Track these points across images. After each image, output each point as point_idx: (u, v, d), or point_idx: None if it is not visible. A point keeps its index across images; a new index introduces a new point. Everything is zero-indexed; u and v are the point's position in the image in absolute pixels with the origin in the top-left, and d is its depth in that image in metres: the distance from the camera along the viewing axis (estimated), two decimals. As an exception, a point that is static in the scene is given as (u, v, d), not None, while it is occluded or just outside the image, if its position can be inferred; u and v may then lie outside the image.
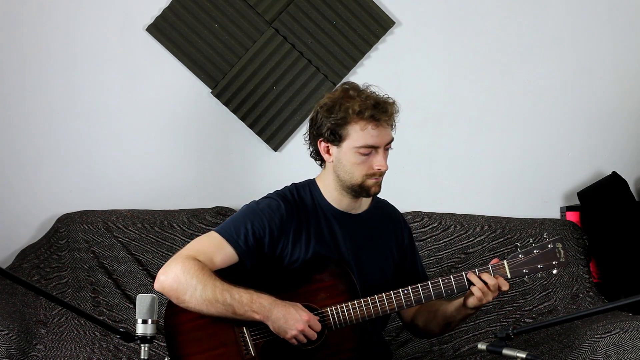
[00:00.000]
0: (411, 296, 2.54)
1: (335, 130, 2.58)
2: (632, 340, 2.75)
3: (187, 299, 2.48)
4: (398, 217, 2.86)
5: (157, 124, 3.65)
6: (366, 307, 2.53)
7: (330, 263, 2.61)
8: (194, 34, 3.63)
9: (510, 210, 3.65)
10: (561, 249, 2.56)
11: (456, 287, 2.55)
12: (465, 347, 3.24)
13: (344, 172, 2.62)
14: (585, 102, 3.76)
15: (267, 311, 2.46)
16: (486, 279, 2.53)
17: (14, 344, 2.88)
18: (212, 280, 2.48)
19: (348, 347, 2.55)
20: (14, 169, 3.59)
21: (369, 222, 2.74)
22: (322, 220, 2.67)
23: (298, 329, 2.45)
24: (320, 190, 2.70)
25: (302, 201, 2.68)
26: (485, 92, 3.74)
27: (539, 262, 2.55)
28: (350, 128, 2.57)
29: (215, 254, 2.55)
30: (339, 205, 2.69)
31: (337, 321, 2.52)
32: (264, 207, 2.63)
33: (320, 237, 2.65)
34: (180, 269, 2.49)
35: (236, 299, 2.46)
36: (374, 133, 2.57)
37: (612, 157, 3.74)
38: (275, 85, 3.66)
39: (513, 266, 2.55)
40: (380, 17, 3.68)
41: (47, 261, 3.39)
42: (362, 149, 2.57)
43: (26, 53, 3.60)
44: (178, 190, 3.64)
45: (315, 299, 2.54)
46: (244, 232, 2.58)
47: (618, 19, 3.76)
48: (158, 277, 2.53)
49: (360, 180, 2.61)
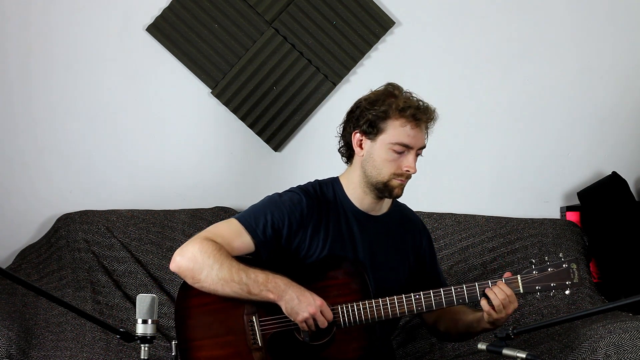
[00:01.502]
0: (422, 301, 2.55)
1: (374, 123, 2.61)
2: (632, 340, 2.75)
3: (202, 278, 2.49)
4: (417, 222, 2.87)
5: (157, 124, 3.65)
6: (377, 308, 2.54)
7: (345, 262, 2.62)
8: (194, 34, 3.63)
9: (510, 210, 3.65)
10: (576, 269, 2.58)
11: (468, 296, 2.56)
12: (465, 347, 3.23)
13: (373, 167, 2.63)
14: (585, 102, 3.76)
15: (281, 291, 2.48)
16: (503, 288, 2.53)
17: (14, 344, 2.88)
18: (229, 260, 2.49)
19: (355, 346, 2.55)
20: (14, 168, 3.59)
21: (388, 224, 2.75)
22: (342, 218, 2.68)
23: (310, 312, 2.46)
24: (344, 188, 2.72)
25: (324, 197, 2.69)
26: (485, 92, 3.74)
27: (553, 280, 2.57)
28: (389, 123, 2.61)
29: (233, 240, 2.57)
30: (361, 204, 2.70)
31: (346, 319, 2.53)
32: (285, 200, 2.64)
33: (339, 235, 2.66)
34: (198, 248, 2.51)
35: (252, 278, 2.48)
36: (411, 133, 2.61)
37: (612, 157, 3.74)
38: (275, 85, 3.66)
39: (526, 281, 2.56)
40: (380, 17, 3.68)
41: (47, 261, 3.39)
42: (397, 146, 2.60)
43: (26, 53, 3.60)
44: (178, 190, 3.64)
45: (327, 296, 2.54)
46: (263, 222, 2.59)
47: (618, 19, 3.77)
48: (174, 257, 2.53)
49: (386, 179, 2.63)
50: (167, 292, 3.32)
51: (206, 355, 2.52)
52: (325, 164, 3.45)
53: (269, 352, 2.51)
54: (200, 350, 2.52)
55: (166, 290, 3.32)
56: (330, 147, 3.62)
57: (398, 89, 2.66)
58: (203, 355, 2.52)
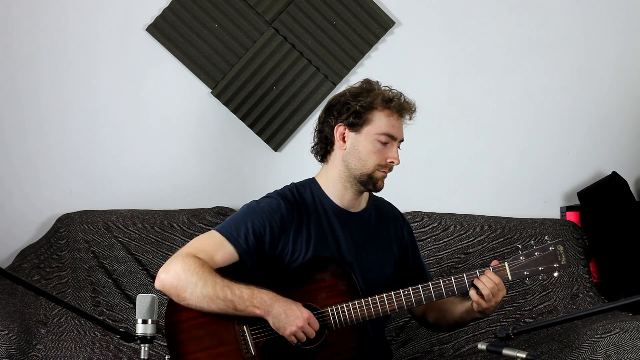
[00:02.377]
0: (412, 297, 2.55)
1: (360, 114, 2.63)
2: (632, 340, 2.75)
3: (187, 297, 2.48)
4: (396, 213, 2.87)
5: (157, 124, 3.65)
6: (367, 307, 2.53)
7: (331, 263, 2.61)
8: (194, 34, 3.63)
9: (510, 210, 3.65)
10: (562, 251, 2.57)
11: (457, 288, 2.55)
12: (465, 347, 3.24)
13: (357, 159, 2.64)
14: (585, 102, 3.76)
15: (268, 306, 2.47)
16: (491, 277, 2.52)
17: (14, 344, 2.88)
18: (213, 277, 2.48)
19: (348, 346, 2.55)
20: (14, 169, 3.59)
21: (368, 219, 2.75)
22: (323, 218, 2.67)
23: (298, 326, 2.46)
24: (321, 187, 2.71)
25: (302, 200, 2.69)
26: (485, 92, 3.74)
27: (540, 264, 2.56)
28: (375, 113, 2.63)
29: (215, 252, 2.56)
30: (341, 201, 2.70)
31: (337, 321, 2.52)
32: (264, 206, 2.63)
33: (321, 235, 2.65)
34: (181, 266, 2.50)
35: (237, 294, 2.47)
36: (396, 124, 2.65)
37: (612, 157, 3.74)
38: (275, 85, 3.66)
39: (514, 268, 2.55)
40: (380, 17, 3.68)
41: (47, 261, 3.39)
42: (383, 137, 2.62)
43: (26, 53, 3.59)
44: (178, 190, 3.64)
45: (316, 299, 2.54)
46: (244, 231, 2.58)
47: (618, 19, 3.77)
48: (158, 275, 2.53)
49: (371, 170, 2.63)
50: (167, 292, 3.32)
51: None
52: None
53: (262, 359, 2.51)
54: None
55: (166, 290, 3.32)
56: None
57: (377, 83, 2.70)
58: None
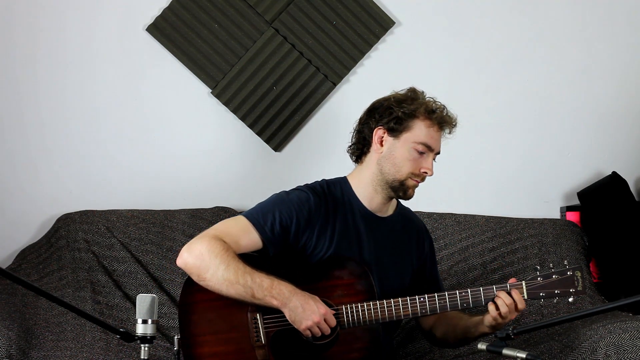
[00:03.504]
0: (427, 304, 2.56)
1: (401, 120, 2.65)
2: (632, 340, 2.75)
3: (208, 277, 2.50)
4: (421, 225, 2.89)
5: (157, 124, 3.65)
6: (381, 309, 2.54)
7: (351, 262, 2.62)
8: (194, 34, 3.63)
9: (510, 210, 3.65)
10: (580, 277, 2.60)
11: (472, 301, 2.57)
12: (465, 347, 3.22)
13: (392, 164, 2.66)
14: (585, 102, 3.76)
15: (285, 298, 2.48)
16: (514, 295, 2.55)
17: (14, 344, 2.88)
18: (235, 262, 2.50)
19: (358, 346, 2.56)
20: (14, 169, 3.59)
21: (394, 227, 2.77)
22: (349, 217, 2.69)
23: (314, 321, 2.47)
24: (352, 187, 2.73)
25: (332, 196, 2.70)
26: (485, 92, 3.74)
27: (557, 287, 2.59)
28: (417, 122, 2.66)
29: (241, 238, 2.57)
30: (370, 204, 2.71)
31: (350, 320, 2.53)
32: (293, 198, 2.65)
33: (345, 234, 2.66)
34: (206, 247, 2.51)
35: (257, 282, 2.48)
36: (435, 136, 2.68)
37: (612, 157, 3.74)
38: (275, 85, 3.66)
39: (531, 288, 2.59)
40: (380, 17, 3.68)
41: (47, 261, 3.39)
42: (420, 146, 2.65)
43: (25, 53, 3.60)
44: (178, 190, 3.64)
45: (332, 295, 2.56)
46: (271, 220, 2.60)
47: (618, 19, 3.76)
48: (181, 254, 2.54)
49: (404, 177, 2.65)
50: (167, 292, 3.32)
51: (208, 351, 2.52)
52: (326, 164, 3.47)
53: (271, 349, 2.52)
54: (203, 346, 2.53)
55: (166, 290, 3.32)
56: (330, 147, 3.64)
57: (422, 93, 2.73)
58: (205, 351, 2.52)
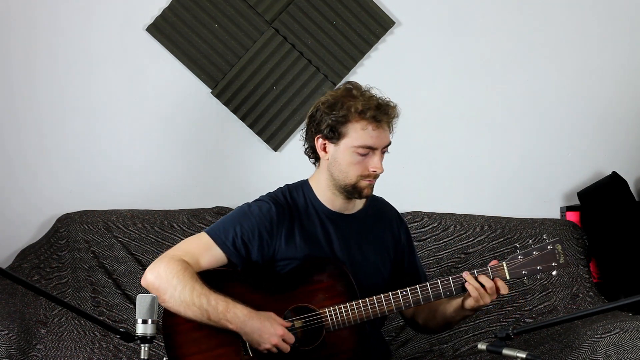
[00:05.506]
0: (410, 298, 2.54)
1: (334, 128, 2.58)
2: (632, 340, 2.75)
3: (167, 299, 2.49)
4: (394, 214, 2.85)
5: (157, 124, 3.65)
6: (364, 308, 2.53)
7: (329, 264, 2.60)
8: (194, 34, 3.63)
9: (510, 210, 3.65)
10: (561, 250, 2.56)
11: (454, 288, 2.55)
12: (465, 347, 3.24)
13: (339, 171, 2.61)
14: (585, 102, 3.76)
15: (241, 322, 2.46)
16: (483, 281, 2.52)
17: (14, 344, 2.88)
18: (192, 282, 2.48)
19: (346, 347, 2.55)
20: (13, 169, 3.59)
21: (363, 221, 2.73)
22: (315, 221, 2.67)
23: (272, 343, 2.46)
24: (314, 190, 2.70)
25: (294, 202, 2.68)
26: (485, 92, 3.74)
27: (538, 263, 2.55)
28: (350, 126, 2.57)
29: (202, 255, 2.56)
30: (332, 205, 2.69)
31: (335, 322, 2.52)
32: (254, 210, 2.63)
33: (314, 238, 2.64)
34: (164, 267, 2.51)
35: (212, 305, 2.46)
36: (373, 134, 2.57)
37: (612, 157, 3.74)
38: (275, 85, 3.66)
39: (512, 268, 2.55)
40: (380, 17, 3.68)
41: (47, 261, 3.39)
42: (360, 149, 2.57)
43: (25, 53, 3.59)
44: (178, 190, 3.64)
45: (314, 300, 2.54)
46: (232, 234, 2.58)
47: (618, 20, 3.76)
48: (145, 273, 2.55)
49: (354, 181, 2.60)
50: (167, 292, 3.32)
51: None
52: (325, 164, 3.45)
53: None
54: None
55: (166, 290, 3.32)
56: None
57: (357, 89, 2.62)
58: None
